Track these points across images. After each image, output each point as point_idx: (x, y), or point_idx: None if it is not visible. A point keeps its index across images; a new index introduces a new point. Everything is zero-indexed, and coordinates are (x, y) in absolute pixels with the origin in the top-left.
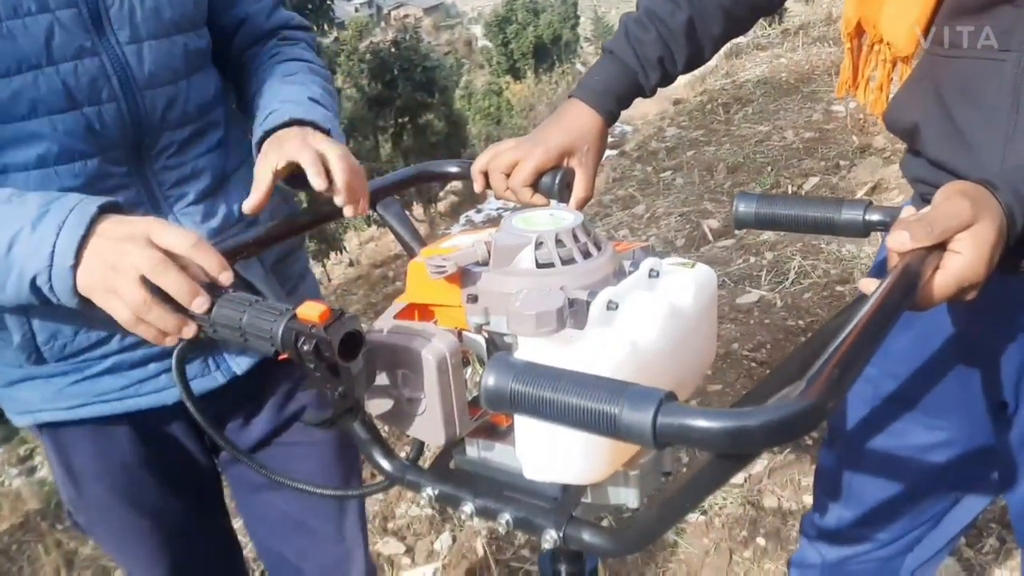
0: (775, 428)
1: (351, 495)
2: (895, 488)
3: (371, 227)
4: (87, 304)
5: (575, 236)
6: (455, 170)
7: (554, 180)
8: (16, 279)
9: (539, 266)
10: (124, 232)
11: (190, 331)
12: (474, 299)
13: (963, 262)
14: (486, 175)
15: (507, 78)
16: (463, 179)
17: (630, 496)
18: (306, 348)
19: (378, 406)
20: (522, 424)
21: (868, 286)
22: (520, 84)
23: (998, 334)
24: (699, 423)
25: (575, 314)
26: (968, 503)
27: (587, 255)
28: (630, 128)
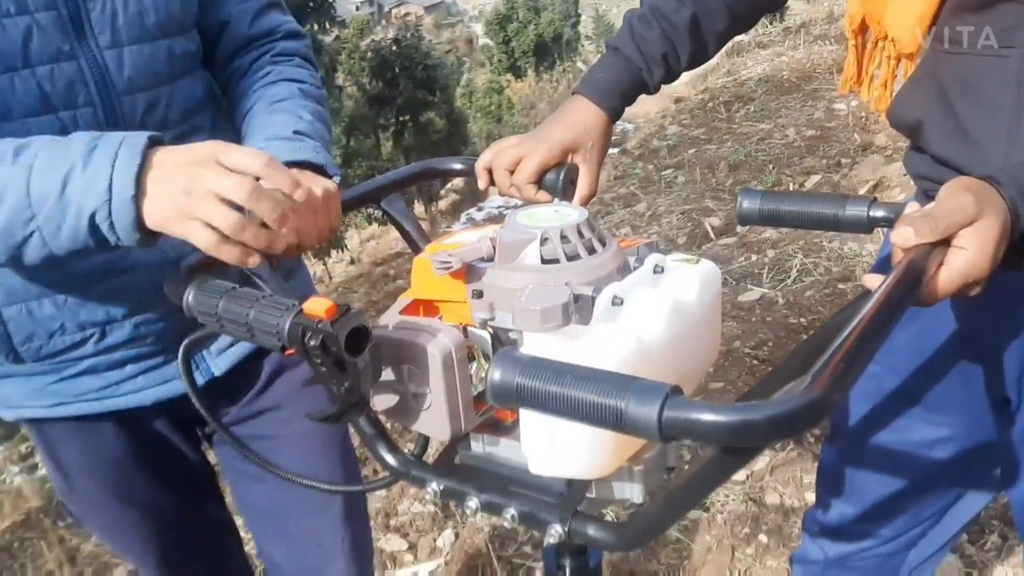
0: (781, 422)
1: (354, 490)
2: (897, 484)
3: (372, 225)
4: (147, 239)
5: (580, 232)
6: (459, 167)
7: (558, 177)
8: (73, 219)
9: (544, 262)
10: (188, 158)
11: (281, 245)
12: (479, 295)
13: (967, 258)
14: (490, 172)
15: (508, 76)
16: (467, 176)
17: (634, 491)
18: (313, 343)
19: (383, 401)
20: (528, 419)
21: (872, 281)
22: (521, 82)
23: (1001, 330)
24: (705, 417)
25: (580, 310)
26: (970, 499)
27: (592, 251)
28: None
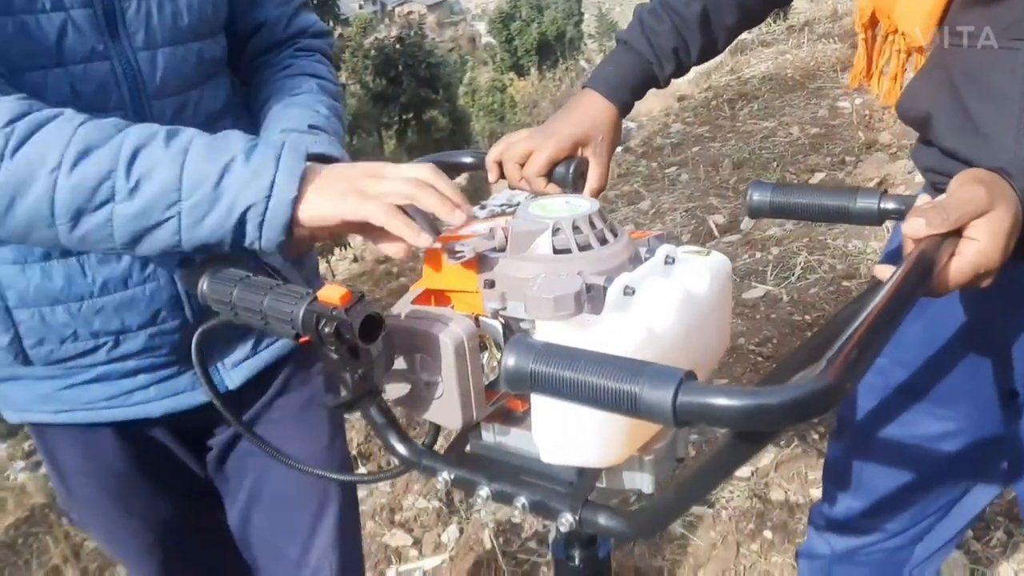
0: (795, 406)
1: (366, 480)
2: (905, 478)
3: None
4: (284, 244)
5: (592, 223)
6: (469, 161)
7: (568, 170)
8: (223, 211)
9: (556, 252)
10: (352, 167)
11: (461, 217)
12: (491, 284)
13: (979, 248)
14: (500, 165)
15: (511, 75)
16: (477, 170)
17: (644, 481)
18: (327, 330)
19: (395, 390)
20: (539, 407)
21: (883, 272)
22: (524, 81)
23: (1010, 322)
24: (720, 401)
25: (592, 299)
26: (978, 493)
27: (604, 241)
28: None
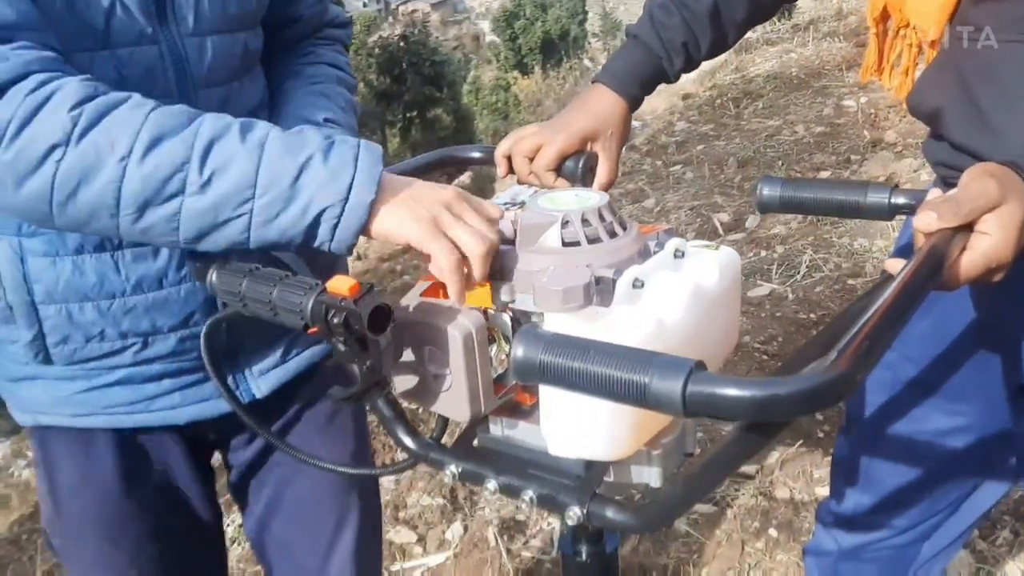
0: (806, 396)
1: (375, 473)
2: (913, 474)
3: None
4: (352, 247)
5: (601, 215)
6: (478, 155)
7: (577, 164)
8: (298, 210)
9: (565, 245)
10: (436, 196)
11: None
12: (500, 277)
13: (991, 242)
14: (509, 159)
15: (515, 73)
16: (486, 164)
17: (652, 475)
18: (336, 321)
19: (404, 382)
20: (547, 400)
21: (894, 266)
22: (528, 79)
23: (1021, 318)
24: (730, 391)
25: (601, 292)
26: (987, 489)
27: (613, 234)
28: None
